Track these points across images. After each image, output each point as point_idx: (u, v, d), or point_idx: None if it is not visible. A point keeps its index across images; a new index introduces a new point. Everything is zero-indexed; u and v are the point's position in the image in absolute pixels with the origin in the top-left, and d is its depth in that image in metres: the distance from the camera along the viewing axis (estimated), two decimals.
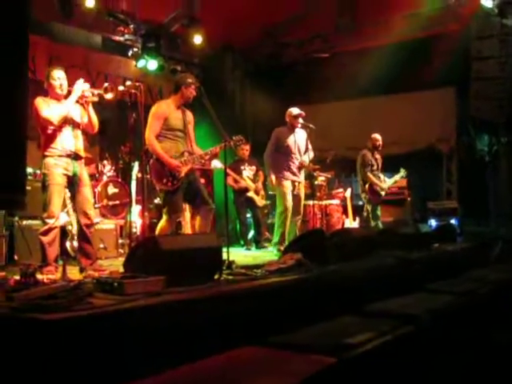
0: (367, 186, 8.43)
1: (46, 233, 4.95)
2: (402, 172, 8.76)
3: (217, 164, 7.99)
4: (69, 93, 5.12)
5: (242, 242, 8.56)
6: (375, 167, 8.55)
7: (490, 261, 7.07)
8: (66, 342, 2.50)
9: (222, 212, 6.17)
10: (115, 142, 8.42)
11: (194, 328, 3.05)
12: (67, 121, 5.09)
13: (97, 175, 7.70)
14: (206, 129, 7.08)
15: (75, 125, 5.18)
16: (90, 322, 2.63)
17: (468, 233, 8.74)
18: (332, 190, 9.62)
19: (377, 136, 8.58)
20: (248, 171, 8.66)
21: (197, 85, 5.56)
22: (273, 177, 7.07)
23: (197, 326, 3.07)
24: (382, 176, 8.65)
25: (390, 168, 9.01)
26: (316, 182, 8.63)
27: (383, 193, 8.54)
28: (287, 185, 7.04)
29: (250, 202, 8.59)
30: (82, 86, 5.12)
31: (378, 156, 8.66)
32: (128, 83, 5.65)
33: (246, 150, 8.63)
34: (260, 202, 8.62)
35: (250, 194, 8.55)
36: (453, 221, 9.10)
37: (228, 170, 8.15)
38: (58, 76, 5.11)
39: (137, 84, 5.57)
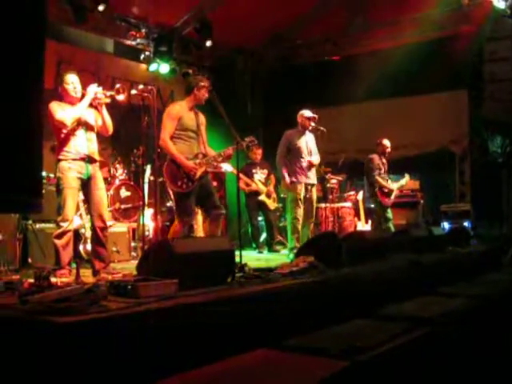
0: (377, 189, 8.40)
1: (59, 236, 4.98)
2: (407, 177, 8.70)
3: (227, 167, 8.01)
4: (82, 96, 5.15)
5: (255, 245, 8.56)
6: (383, 171, 8.52)
7: (503, 264, 7.03)
8: (80, 346, 2.51)
9: (234, 215, 6.18)
10: (128, 146, 8.46)
11: (207, 331, 3.05)
12: (81, 123, 5.12)
13: (109, 178, 7.74)
14: (218, 131, 7.09)
15: (89, 127, 5.21)
16: (104, 326, 2.64)
17: (481, 236, 8.69)
18: (344, 193, 9.61)
19: (387, 142, 8.53)
20: (260, 174, 8.67)
21: (209, 87, 5.58)
22: (287, 179, 7.04)
23: (210, 328, 3.08)
24: (389, 181, 8.62)
25: (401, 171, 8.96)
26: (328, 185, 8.63)
27: (392, 196, 8.48)
28: (300, 190, 7.01)
29: (262, 205, 8.60)
30: (94, 89, 5.16)
31: (384, 160, 8.62)
32: (141, 86, 5.65)
33: (257, 154, 8.65)
34: (272, 205, 8.63)
35: (262, 197, 8.56)
36: (466, 223, 9.06)
37: (240, 174, 8.17)
38: (72, 80, 5.14)
39: (149, 87, 5.60)
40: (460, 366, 3.39)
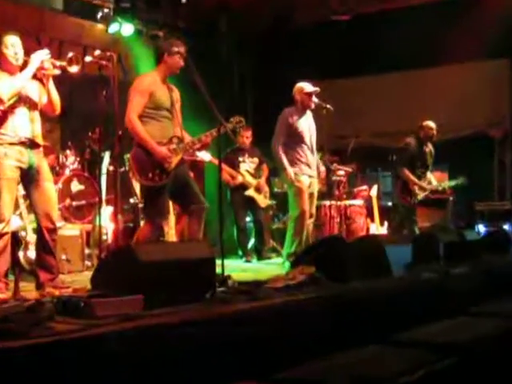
0: (399, 183, 8.44)
1: None
2: (461, 180, 8.67)
3: (204, 156, 8.00)
4: (25, 65, 5.13)
5: (241, 253, 8.59)
6: (419, 163, 8.51)
7: None
8: (21, 376, 2.51)
9: (215, 215, 6.19)
10: (81, 127, 8.44)
11: (178, 360, 3.07)
12: (22, 99, 5.10)
13: (57, 168, 7.73)
14: (195, 110, 7.10)
15: (32, 105, 5.19)
16: (49, 352, 2.64)
17: None
18: (354, 188, 9.65)
19: (431, 124, 8.52)
20: (248, 164, 8.67)
21: (184, 53, 5.58)
22: (290, 170, 7.05)
23: (182, 356, 3.09)
24: (428, 174, 8.61)
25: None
26: (333, 178, 8.66)
27: (422, 195, 8.51)
28: (304, 181, 7.05)
29: (251, 203, 8.62)
30: (41, 56, 5.14)
31: (428, 148, 8.61)
32: (97, 52, 5.64)
33: (245, 136, 8.62)
34: (263, 202, 8.64)
35: (250, 192, 8.57)
36: (506, 226, 9.12)
37: (222, 163, 8.17)
38: (12, 43, 5.11)
39: (108, 53, 5.60)
40: None
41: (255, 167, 8.73)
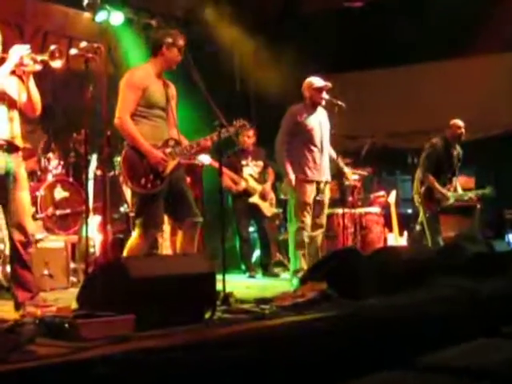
0: (423, 189, 8.43)
1: None
2: (488, 190, 8.67)
3: (204, 159, 7.99)
4: (2, 60, 5.13)
5: (244, 267, 8.58)
6: (446, 167, 8.50)
7: None
8: None
9: (215, 225, 6.19)
10: (65, 127, 8.45)
11: None
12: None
13: (39, 173, 7.73)
14: (192, 109, 7.11)
15: (11, 103, 5.18)
16: (31, 379, 2.64)
17: None
18: (369, 194, 9.64)
19: (458, 122, 8.51)
20: (252, 167, 8.66)
21: (183, 46, 5.57)
22: (292, 176, 7.03)
23: (178, 382, 3.08)
24: (455, 181, 8.59)
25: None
26: (347, 183, 8.63)
27: (446, 203, 8.49)
28: (309, 190, 7.02)
29: (255, 211, 8.61)
30: (20, 51, 5.13)
31: (456, 151, 8.60)
32: (83, 44, 5.63)
33: (248, 136, 8.60)
34: (268, 210, 8.63)
35: (255, 199, 8.56)
36: None
37: (224, 168, 8.17)
38: None
39: (95, 45, 5.59)
40: None
41: (259, 171, 8.71)
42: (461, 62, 10.35)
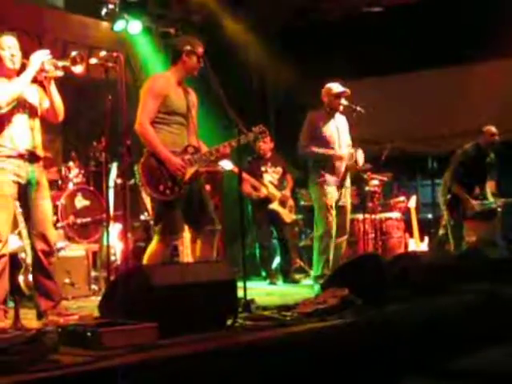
0: (449, 196, 8.37)
1: None
2: None
3: (226, 165, 8.00)
4: (23, 67, 5.16)
5: (264, 274, 8.58)
6: (477, 173, 8.38)
7: None
8: None
9: (235, 232, 6.20)
10: (85, 136, 8.49)
11: None
12: (20, 105, 5.12)
13: (59, 182, 7.76)
14: (211, 115, 7.12)
15: (32, 112, 5.20)
16: None
17: None
18: (390, 199, 9.60)
19: (492, 129, 8.41)
20: (271, 174, 8.66)
21: (202, 53, 5.58)
22: (317, 180, 7.03)
23: None
24: (484, 186, 8.51)
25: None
26: (367, 188, 8.62)
27: (470, 213, 8.43)
28: (331, 193, 7.01)
29: (275, 218, 8.60)
30: (41, 57, 5.16)
31: (489, 158, 8.51)
32: (103, 53, 5.65)
33: (267, 145, 8.60)
34: (288, 216, 8.62)
35: (275, 205, 8.55)
36: None
37: (244, 174, 8.17)
38: (9, 44, 5.13)
39: (115, 54, 5.61)
40: None
41: (278, 178, 8.69)
42: (481, 66, 10.30)
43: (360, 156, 7.09)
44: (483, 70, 10.29)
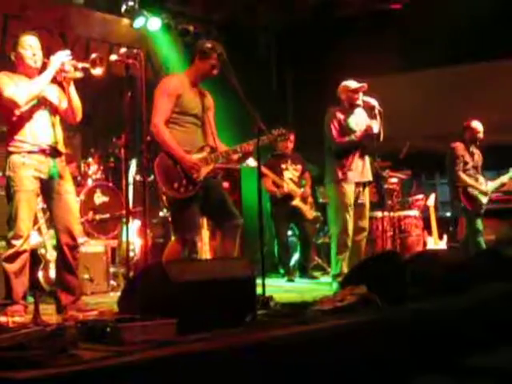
0: (461, 189, 8.36)
1: (11, 259, 5.02)
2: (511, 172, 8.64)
3: (250, 161, 8.00)
4: (45, 66, 5.18)
5: (282, 271, 8.56)
6: (470, 165, 8.48)
7: None
8: None
9: (254, 228, 6.19)
10: (104, 133, 8.51)
11: None
12: (41, 103, 5.16)
13: (79, 178, 7.79)
14: (230, 115, 7.10)
15: (53, 108, 5.25)
16: (73, 383, 2.66)
17: None
18: (408, 197, 9.57)
19: (476, 125, 8.47)
20: (292, 171, 8.64)
21: (219, 52, 5.57)
22: (337, 178, 7.03)
23: None
24: (481, 178, 8.55)
25: (491, 165, 8.89)
26: (386, 186, 8.59)
27: (484, 199, 8.43)
28: (349, 191, 6.99)
29: (295, 215, 8.58)
30: (61, 58, 5.18)
31: (476, 151, 8.57)
32: (123, 50, 5.66)
33: (289, 141, 8.58)
34: (309, 213, 8.59)
35: (297, 202, 8.53)
36: None
37: (265, 170, 8.17)
38: (30, 44, 5.17)
39: (135, 51, 5.62)
40: None
41: (298, 175, 8.68)
42: (499, 64, 10.24)
43: (375, 126, 7.08)
44: (502, 67, 10.23)
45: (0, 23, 8.02)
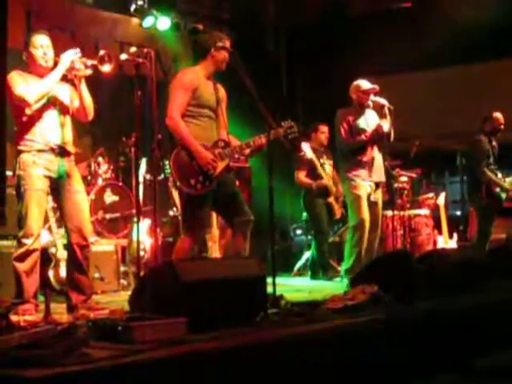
0: (484, 186, 8.32)
1: (22, 258, 5.02)
2: None
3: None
4: (56, 65, 5.19)
5: (321, 273, 8.41)
6: (491, 159, 8.45)
7: None
8: None
9: (264, 226, 6.18)
10: (115, 132, 8.52)
11: None
12: (51, 102, 5.17)
13: (89, 178, 7.81)
14: (240, 110, 7.09)
15: (63, 108, 5.25)
16: (85, 381, 2.66)
17: None
18: (418, 196, 9.55)
19: (499, 115, 8.46)
20: (328, 167, 8.55)
21: (230, 48, 5.57)
22: (349, 175, 7.09)
23: None
24: (499, 173, 8.52)
25: (505, 163, 8.85)
26: (396, 185, 8.57)
27: (504, 195, 8.41)
28: (363, 188, 7.01)
29: (329, 211, 8.48)
30: (71, 56, 5.19)
31: (494, 143, 8.56)
32: (133, 49, 5.66)
33: (324, 132, 8.55)
34: (339, 211, 8.49)
35: (331, 199, 8.43)
36: None
37: (312, 156, 8.13)
38: (41, 43, 5.18)
39: (145, 50, 5.62)
40: None
41: (332, 171, 8.58)
42: (509, 63, 10.21)
43: (385, 125, 7.08)
44: (510, 67, 10.20)
45: (23, 20, 8.04)
